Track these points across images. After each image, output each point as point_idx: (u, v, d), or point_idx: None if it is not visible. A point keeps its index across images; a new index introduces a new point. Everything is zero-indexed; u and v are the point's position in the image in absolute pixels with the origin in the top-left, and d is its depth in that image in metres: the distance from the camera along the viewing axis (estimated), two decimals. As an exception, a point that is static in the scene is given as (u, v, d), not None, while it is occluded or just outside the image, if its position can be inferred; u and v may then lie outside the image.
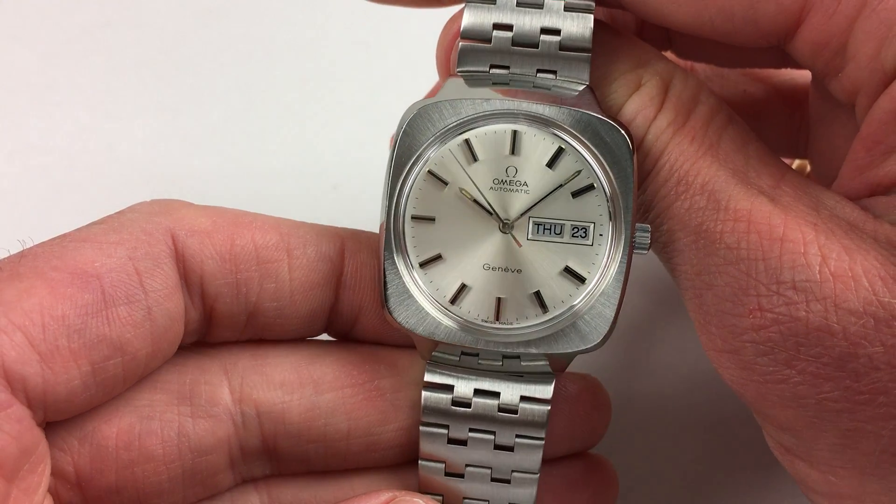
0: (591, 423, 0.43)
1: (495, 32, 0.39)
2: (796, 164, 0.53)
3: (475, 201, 0.39)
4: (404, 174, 0.39)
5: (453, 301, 0.39)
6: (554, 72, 0.39)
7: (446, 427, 0.40)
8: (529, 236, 0.39)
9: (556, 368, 0.40)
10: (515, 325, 0.39)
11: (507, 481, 0.41)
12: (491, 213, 0.39)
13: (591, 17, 0.39)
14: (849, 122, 0.38)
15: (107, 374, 0.38)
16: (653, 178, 0.38)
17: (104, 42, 0.68)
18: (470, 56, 0.39)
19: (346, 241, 0.43)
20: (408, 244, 0.39)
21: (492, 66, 0.40)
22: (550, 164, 0.38)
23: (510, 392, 0.40)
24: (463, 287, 0.39)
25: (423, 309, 0.39)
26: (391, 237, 0.39)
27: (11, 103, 0.66)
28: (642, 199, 0.39)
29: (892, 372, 0.34)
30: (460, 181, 0.39)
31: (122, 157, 0.64)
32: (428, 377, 0.40)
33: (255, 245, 0.41)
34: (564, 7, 0.39)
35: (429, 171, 0.39)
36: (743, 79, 0.50)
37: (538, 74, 0.39)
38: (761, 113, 0.50)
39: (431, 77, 0.46)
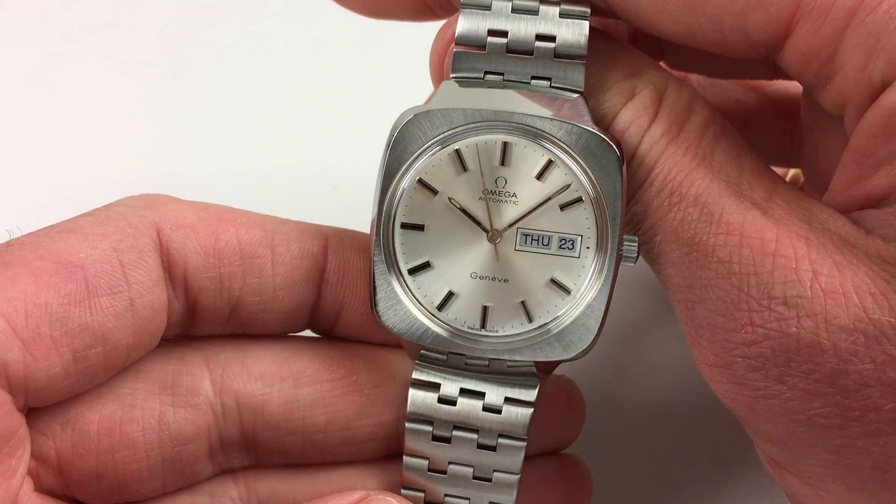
0: (564, 423, 0.44)
1: (490, 38, 0.39)
2: (790, 174, 0.53)
3: (464, 211, 0.39)
4: (395, 181, 0.39)
5: (440, 308, 0.40)
6: (549, 79, 0.39)
7: (431, 424, 0.41)
8: (517, 247, 0.39)
9: (543, 370, 0.41)
10: (501, 333, 0.39)
11: (489, 480, 0.41)
12: (479, 224, 0.39)
13: (587, 23, 0.38)
14: (840, 133, 0.38)
15: (88, 362, 0.39)
16: (646, 188, 0.38)
17: (104, 42, 0.68)
18: (464, 61, 0.39)
19: (329, 239, 0.43)
20: (397, 251, 0.40)
21: (486, 73, 0.39)
22: (539, 176, 0.39)
23: (495, 393, 0.40)
24: (450, 294, 0.40)
25: (412, 314, 0.40)
26: (381, 244, 0.40)
27: (11, 103, 0.66)
28: (634, 211, 0.39)
29: (882, 388, 0.33)
30: (450, 190, 0.39)
31: (122, 157, 0.64)
32: (416, 375, 0.41)
33: (240, 241, 0.42)
34: (560, 14, 0.39)
35: (419, 180, 0.39)
36: (735, 88, 0.50)
37: (532, 81, 0.39)
38: (753, 122, 0.49)
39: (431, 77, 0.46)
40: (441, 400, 0.41)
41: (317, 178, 0.64)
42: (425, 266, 0.40)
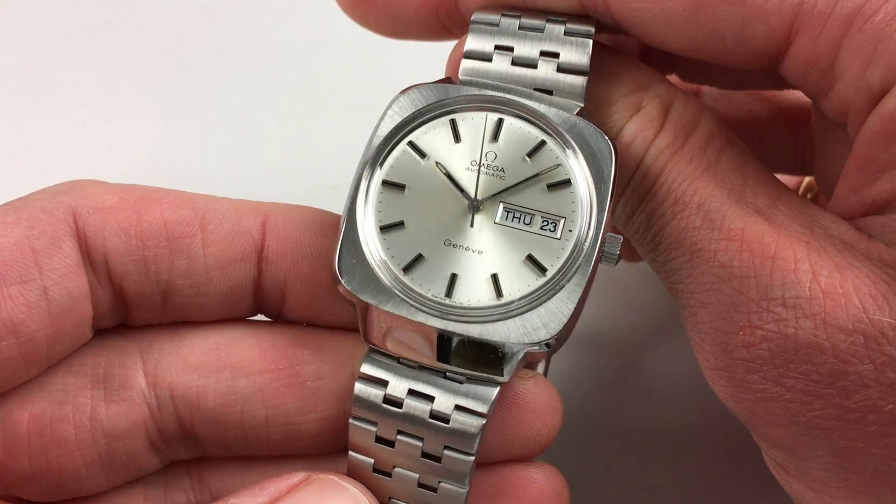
0: (530, 427, 0.40)
1: (496, 53, 0.40)
2: (805, 181, 0.53)
3: (449, 176, 0.39)
4: (383, 140, 0.39)
5: (406, 270, 0.38)
6: (550, 91, 0.39)
7: (375, 424, 0.39)
8: (497, 220, 0.38)
9: (492, 367, 0.37)
10: (465, 305, 0.37)
11: (434, 490, 0.38)
12: (462, 192, 0.39)
13: (590, 41, 0.39)
14: (849, 140, 0.38)
15: (1, 355, 0.37)
16: (650, 198, 0.38)
17: (104, 42, 0.68)
18: (471, 70, 0.41)
19: (268, 215, 0.41)
20: (374, 208, 0.39)
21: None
22: (530, 154, 0.39)
23: (445, 399, 0.38)
24: (419, 258, 0.38)
25: (374, 274, 0.38)
26: (357, 199, 0.39)
27: (12, 103, 0.66)
28: (639, 220, 0.39)
29: (881, 390, 0.33)
30: (438, 156, 0.39)
31: (122, 157, 0.64)
32: (364, 368, 0.39)
33: (165, 220, 0.40)
34: (564, 32, 0.40)
35: (410, 142, 0.39)
36: (748, 98, 0.50)
37: (535, 92, 0.40)
38: (766, 131, 0.50)
39: (431, 78, 0.46)
40: (387, 399, 0.38)
41: (317, 178, 0.64)
42: (398, 225, 0.38)
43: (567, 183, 0.38)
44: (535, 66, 0.40)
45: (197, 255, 0.40)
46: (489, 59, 0.40)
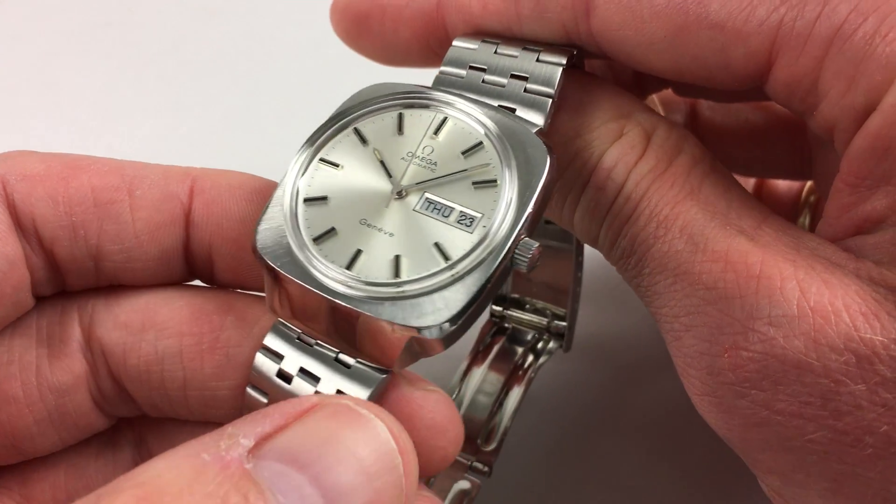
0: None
1: (469, 71, 0.42)
2: (807, 186, 0.53)
3: (382, 162, 0.40)
4: (330, 120, 0.40)
5: (316, 241, 0.38)
6: (513, 109, 0.41)
7: (267, 396, 0.39)
8: (416, 208, 0.39)
9: (383, 358, 0.37)
10: (363, 279, 0.37)
11: None
12: (390, 177, 0.39)
13: (560, 69, 0.40)
14: (843, 148, 0.37)
15: None
16: (632, 223, 0.38)
17: (104, 42, 0.68)
18: (443, 81, 0.42)
19: (196, 180, 0.42)
20: (305, 182, 0.40)
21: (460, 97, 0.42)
22: (466, 153, 0.39)
23: (329, 381, 0.38)
24: (332, 230, 0.39)
25: (287, 242, 0.38)
26: (295, 173, 0.40)
27: (12, 103, 0.66)
28: (622, 246, 0.39)
29: (876, 410, 0.32)
30: (378, 144, 0.40)
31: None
32: (266, 340, 0.39)
33: (92, 187, 0.40)
34: (537, 59, 0.41)
35: (355, 128, 0.41)
36: (744, 107, 0.50)
37: (499, 106, 0.41)
38: (765, 139, 0.49)
39: (429, 79, 0.46)
40: (279, 374, 0.39)
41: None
42: (322, 200, 0.39)
43: (493, 182, 0.38)
44: (503, 87, 0.41)
45: (125, 220, 0.41)
46: (462, 77, 0.42)
